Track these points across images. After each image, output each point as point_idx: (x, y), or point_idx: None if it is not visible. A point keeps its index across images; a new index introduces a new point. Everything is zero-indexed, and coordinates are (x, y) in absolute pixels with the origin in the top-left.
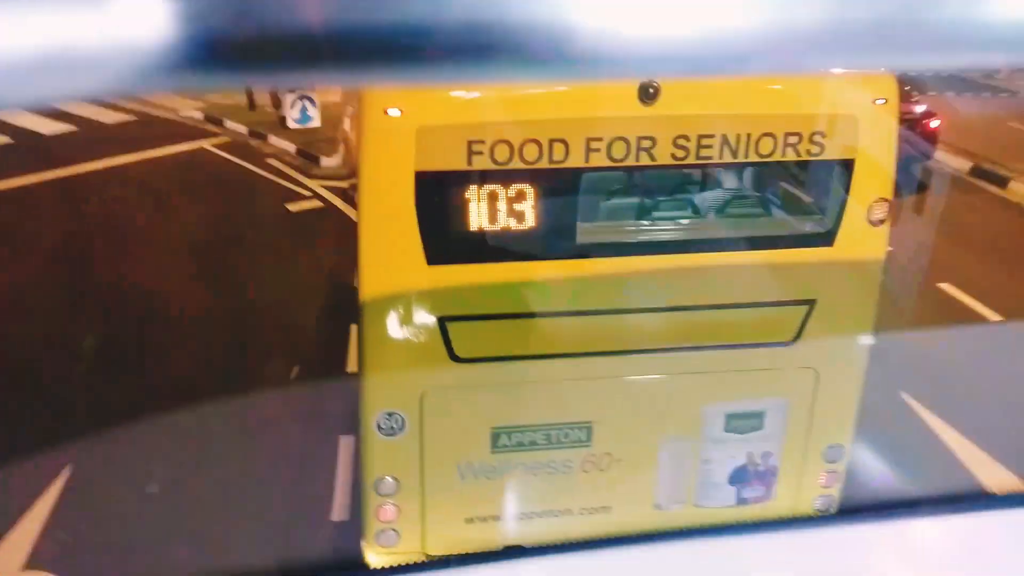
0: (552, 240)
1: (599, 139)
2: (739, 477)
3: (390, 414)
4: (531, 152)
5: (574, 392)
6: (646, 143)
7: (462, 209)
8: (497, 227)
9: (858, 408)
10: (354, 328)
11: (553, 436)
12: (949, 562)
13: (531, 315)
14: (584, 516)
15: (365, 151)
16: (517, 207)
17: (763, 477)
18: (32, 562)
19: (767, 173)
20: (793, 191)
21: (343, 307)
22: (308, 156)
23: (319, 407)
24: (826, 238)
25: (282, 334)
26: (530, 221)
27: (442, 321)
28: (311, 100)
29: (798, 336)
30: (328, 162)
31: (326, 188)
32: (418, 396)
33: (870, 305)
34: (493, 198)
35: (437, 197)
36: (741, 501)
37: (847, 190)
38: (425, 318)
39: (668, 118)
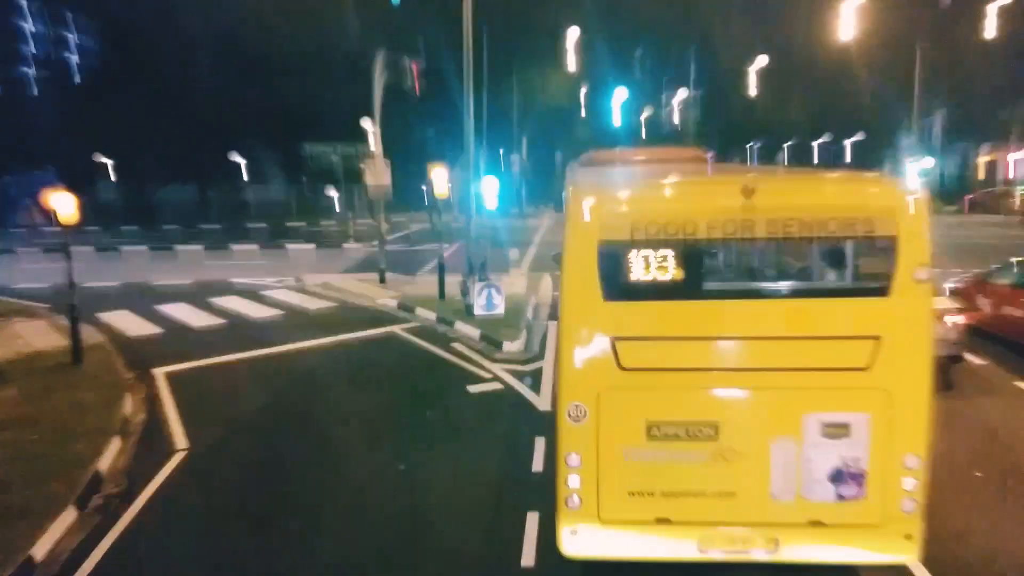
0: (686, 286)
1: (716, 220)
2: (836, 476)
3: (576, 405)
4: (672, 229)
5: (706, 397)
6: (748, 223)
7: (626, 264)
8: (649, 277)
9: (930, 424)
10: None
11: (690, 430)
12: None
13: (674, 338)
14: (717, 499)
15: (570, 230)
16: (662, 264)
17: (855, 478)
18: None
19: (836, 244)
20: (855, 257)
21: (517, 490)
22: (491, 341)
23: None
24: (884, 291)
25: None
26: (671, 273)
27: (613, 340)
28: (497, 289)
29: (870, 363)
30: (510, 347)
31: (507, 371)
32: (596, 393)
33: (926, 343)
34: (647, 258)
35: (611, 256)
36: (839, 497)
37: (895, 257)
38: (601, 337)
39: (762, 207)
